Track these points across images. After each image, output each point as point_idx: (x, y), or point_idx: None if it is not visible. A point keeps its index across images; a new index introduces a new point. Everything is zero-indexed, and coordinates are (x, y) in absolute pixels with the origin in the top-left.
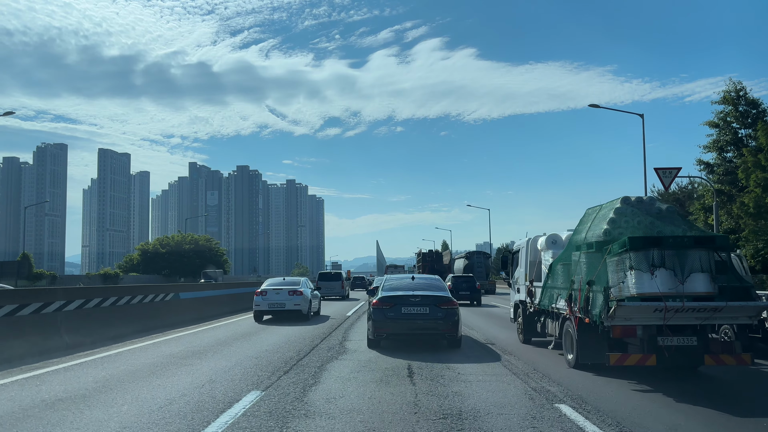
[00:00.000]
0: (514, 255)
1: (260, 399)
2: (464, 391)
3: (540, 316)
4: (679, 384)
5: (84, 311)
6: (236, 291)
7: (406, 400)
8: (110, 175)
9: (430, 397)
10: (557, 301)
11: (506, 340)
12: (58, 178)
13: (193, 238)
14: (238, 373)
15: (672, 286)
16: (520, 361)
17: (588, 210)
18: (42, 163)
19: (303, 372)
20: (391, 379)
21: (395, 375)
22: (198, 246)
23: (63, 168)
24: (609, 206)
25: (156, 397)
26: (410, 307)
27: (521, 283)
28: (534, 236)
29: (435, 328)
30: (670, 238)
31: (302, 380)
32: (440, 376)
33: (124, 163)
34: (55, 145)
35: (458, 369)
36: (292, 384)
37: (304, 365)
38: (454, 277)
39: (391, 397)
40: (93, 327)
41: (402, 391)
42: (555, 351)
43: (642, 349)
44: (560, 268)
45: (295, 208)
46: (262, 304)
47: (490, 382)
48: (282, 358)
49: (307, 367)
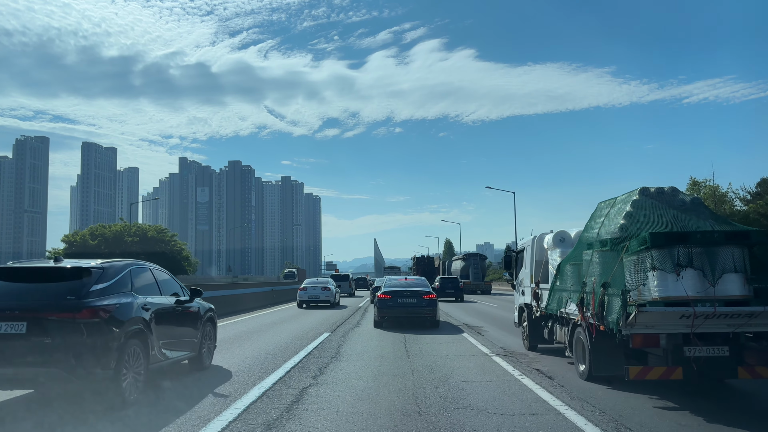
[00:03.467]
0: (518, 254)
1: (330, 335)
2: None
3: (547, 321)
4: (706, 401)
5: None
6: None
7: (402, 352)
8: (94, 170)
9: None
10: (567, 305)
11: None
12: (38, 173)
13: (141, 229)
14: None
15: (701, 289)
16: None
17: (600, 204)
18: (21, 157)
19: (341, 329)
20: (392, 341)
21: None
22: (146, 239)
23: (44, 163)
24: (625, 199)
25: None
26: (404, 299)
27: (526, 284)
28: (540, 234)
29: (420, 313)
30: (698, 233)
31: (342, 334)
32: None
33: (109, 158)
34: (35, 138)
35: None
36: (340, 335)
37: (340, 329)
38: (441, 278)
39: (392, 350)
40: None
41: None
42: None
43: (666, 361)
44: (570, 268)
45: (290, 207)
46: (304, 296)
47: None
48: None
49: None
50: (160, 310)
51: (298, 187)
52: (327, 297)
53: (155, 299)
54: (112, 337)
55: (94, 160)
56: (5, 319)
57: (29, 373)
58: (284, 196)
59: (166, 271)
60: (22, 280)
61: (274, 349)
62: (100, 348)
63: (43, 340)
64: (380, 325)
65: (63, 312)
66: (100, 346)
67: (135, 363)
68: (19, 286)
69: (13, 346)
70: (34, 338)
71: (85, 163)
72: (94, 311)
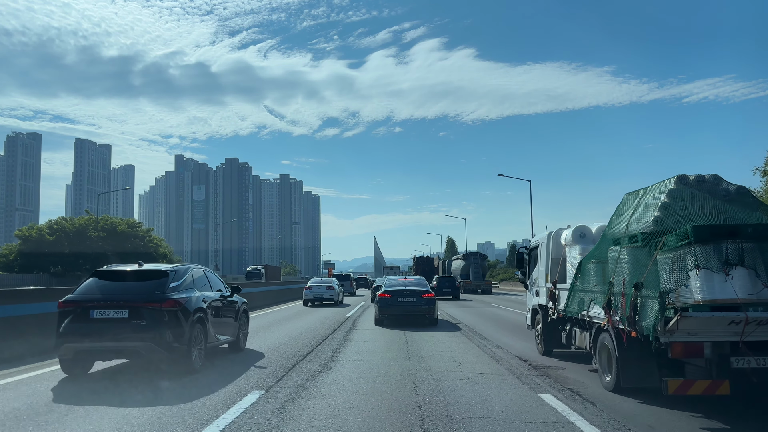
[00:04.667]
0: (531, 252)
1: (338, 327)
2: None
3: (565, 324)
4: (759, 421)
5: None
6: None
7: (401, 341)
8: (88, 167)
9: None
10: (590, 307)
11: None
12: (30, 171)
13: (110, 223)
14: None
15: (753, 291)
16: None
17: (627, 195)
18: (12, 153)
19: (347, 324)
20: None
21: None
22: (114, 234)
23: (36, 160)
24: (659, 188)
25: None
26: (403, 297)
27: (540, 284)
28: (556, 229)
29: (419, 311)
30: (750, 226)
31: (347, 329)
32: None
33: (103, 155)
34: (27, 135)
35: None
36: (345, 330)
37: (346, 324)
38: (438, 278)
39: (392, 338)
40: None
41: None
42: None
43: (709, 374)
44: (593, 266)
45: (289, 205)
46: (309, 295)
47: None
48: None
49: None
50: (212, 302)
51: (297, 185)
52: (331, 296)
53: (208, 294)
54: (184, 321)
55: (88, 158)
56: (114, 308)
57: (130, 347)
58: (282, 194)
59: (212, 271)
60: (121, 279)
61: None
62: (177, 329)
63: (139, 322)
64: (381, 323)
65: (153, 302)
66: (177, 327)
67: (199, 341)
68: (120, 284)
69: (119, 327)
70: (133, 321)
71: (78, 160)
72: (174, 302)
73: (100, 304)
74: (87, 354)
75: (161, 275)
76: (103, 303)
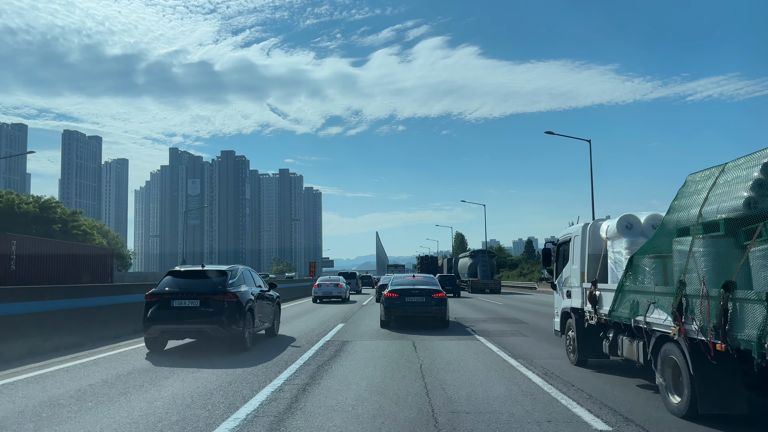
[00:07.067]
0: (560, 247)
1: (344, 326)
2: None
3: (607, 331)
4: None
5: None
6: None
7: (406, 337)
8: (76, 160)
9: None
10: (648, 311)
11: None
12: (15, 164)
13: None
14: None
15: None
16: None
17: (691, 176)
18: None
19: (352, 318)
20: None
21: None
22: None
23: (23, 152)
24: (747, 163)
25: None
26: (412, 297)
27: (573, 284)
28: (594, 221)
29: (429, 312)
30: None
31: (354, 323)
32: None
33: (94, 147)
34: (12, 125)
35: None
36: (351, 324)
37: (351, 317)
38: (440, 276)
39: (391, 332)
40: None
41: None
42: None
43: None
44: (649, 262)
45: (288, 201)
46: (318, 292)
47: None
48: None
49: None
50: (257, 295)
51: (297, 180)
52: (339, 293)
53: (253, 288)
54: (240, 309)
55: (76, 150)
56: (188, 298)
57: (201, 328)
58: (282, 189)
59: (253, 270)
60: (192, 277)
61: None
62: (235, 315)
63: (207, 310)
64: (387, 325)
65: (217, 295)
66: (235, 314)
67: (250, 325)
68: (191, 281)
69: (193, 313)
70: (202, 309)
71: (66, 153)
72: (233, 294)
73: (178, 296)
74: (168, 333)
75: (222, 274)
76: (181, 294)
